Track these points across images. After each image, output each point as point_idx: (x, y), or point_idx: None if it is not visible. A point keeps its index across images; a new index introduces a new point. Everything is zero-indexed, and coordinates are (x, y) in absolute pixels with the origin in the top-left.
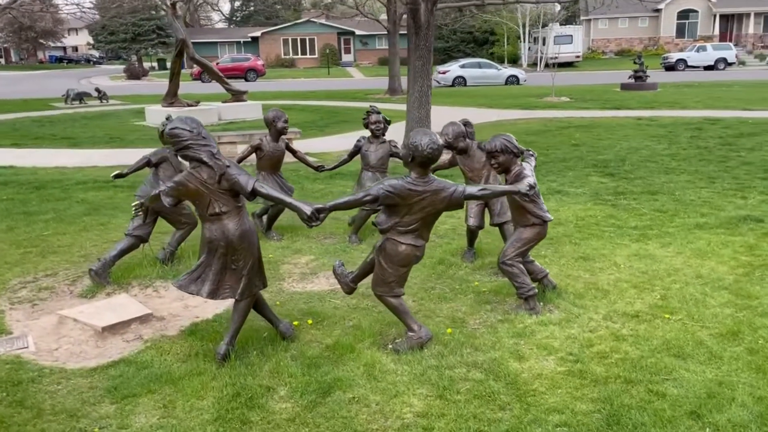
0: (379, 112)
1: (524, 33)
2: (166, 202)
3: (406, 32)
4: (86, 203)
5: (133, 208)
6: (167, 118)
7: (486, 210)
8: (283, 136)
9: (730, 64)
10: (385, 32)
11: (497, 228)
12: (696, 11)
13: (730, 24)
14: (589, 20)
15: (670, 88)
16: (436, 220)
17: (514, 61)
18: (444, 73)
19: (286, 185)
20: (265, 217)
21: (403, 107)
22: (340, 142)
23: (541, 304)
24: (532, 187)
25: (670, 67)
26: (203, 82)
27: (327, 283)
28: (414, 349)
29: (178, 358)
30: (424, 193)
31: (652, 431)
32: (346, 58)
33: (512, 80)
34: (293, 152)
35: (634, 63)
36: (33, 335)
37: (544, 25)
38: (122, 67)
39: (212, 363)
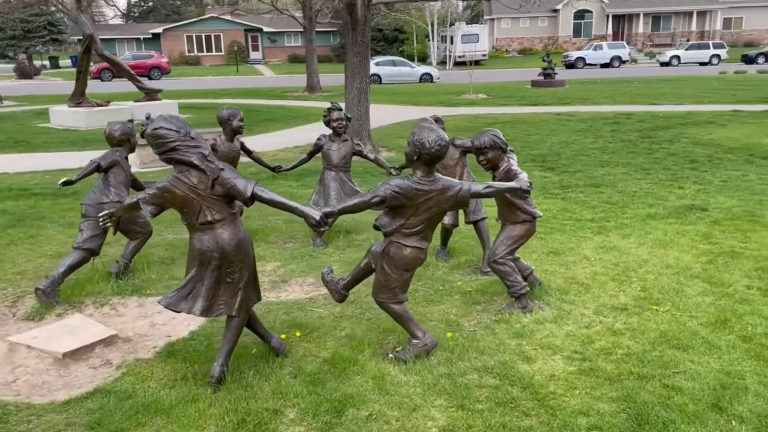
0: (340, 109)
1: (433, 32)
2: (147, 211)
3: (322, 29)
4: (8, 214)
5: (101, 220)
6: (147, 117)
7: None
8: (238, 135)
9: (624, 62)
10: (295, 29)
11: (471, 225)
12: (591, 12)
13: (621, 24)
14: (493, 20)
15: (577, 85)
16: (440, 221)
17: (423, 59)
18: None
19: None
20: None
21: (324, 105)
22: (273, 141)
23: (535, 302)
24: (530, 183)
25: (570, 65)
26: (102, 80)
27: (302, 291)
28: (419, 357)
29: (164, 384)
30: (430, 193)
31: (682, 428)
32: (255, 55)
33: (426, 78)
34: (248, 152)
35: (543, 61)
36: None
37: (451, 24)
38: (11, 66)
39: (205, 387)
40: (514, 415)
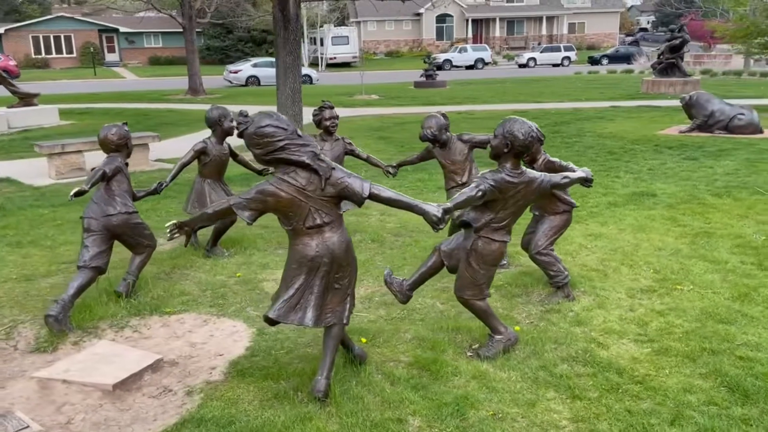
0: (332, 107)
1: (302, 34)
2: (245, 216)
3: (202, 29)
4: None
5: (167, 231)
6: (243, 114)
7: None
8: (229, 137)
9: (487, 64)
10: (155, 30)
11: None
12: (452, 16)
13: (480, 27)
14: (359, 22)
15: (457, 86)
16: (521, 215)
17: None
18: (236, 72)
19: (231, 194)
20: (198, 233)
21: (206, 107)
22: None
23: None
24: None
25: (438, 67)
26: None
27: None
28: (502, 353)
29: (259, 405)
30: (519, 185)
31: None
32: (111, 57)
33: (306, 80)
34: (234, 155)
35: (425, 62)
36: (18, 409)
37: (320, 26)
38: None
39: (308, 403)
40: (628, 400)
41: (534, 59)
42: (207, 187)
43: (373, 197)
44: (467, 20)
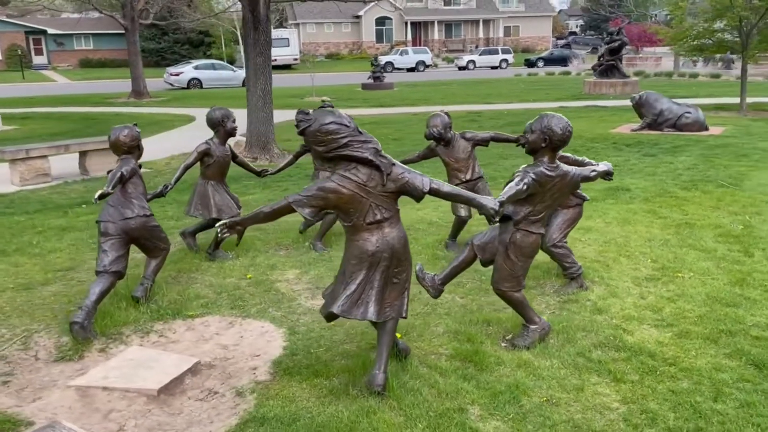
0: (332, 107)
1: (240, 35)
2: (306, 214)
3: (122, 32)
4: None
5: (219, 230)
6: (303, 112)
7: None
8: (231, 138)
9: (428, 66)
10: (85, 31)
11: (482, 216)
12: (390, 18)
13: (418, 30)
14: (298, 24)
15: (404, 88)
16: (555, 206)
17: (232, 63)
18: (177, 74)
19: (233, 196)
20: (197, 236)
21: (155, 110)
22: (151, 150)
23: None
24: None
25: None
26: None
27: None
28: (538, 342)
29: (319, 402)
30: (555, 179)
31: None
32: (39, 60)
33: None
34: (234, 157)
35: (372, 65)
36: (63, 418)
37: None
38: None
39: (368, 397)
40: (667, 381)
41: (473, 62)
42: (210, 188)
43: (433, 192)
44: (406, 23)
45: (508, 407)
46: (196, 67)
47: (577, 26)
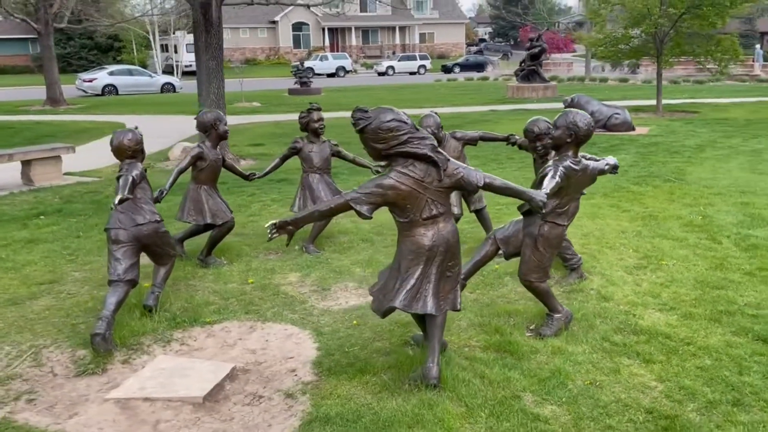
0: (320, 109)
1: (154, 40)
2: (363, 210)
3: (15, 36)
4: None
5: (269, 232)
6: (362, 110)
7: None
8: (223, 141)
9: (348, 72)
10: None
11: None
12: (307, 24)
13: (336, 36)
14: None
15: (332, 93)
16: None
17: (144, 68)
18: (90, 81)
19: (224, 200)
20: (185, 242)
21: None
22: (93, 159)
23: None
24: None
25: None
26: None
27: (357, 296)
28: (562, 330)
29: (377, 399)
30: (579, 172)
31: None
32: None
33: (168, 88)
34: (223, 160)
35: (298, 70)
36: None
37: (173, 33)
38: None
39: (423, 391)
40: (692, 359)
41: (392, 67)
42: (204, 194)
43: (486, 186)
44: (323, 29)
45: (557, 392)
46: (111, 73)
47: (486, 33)
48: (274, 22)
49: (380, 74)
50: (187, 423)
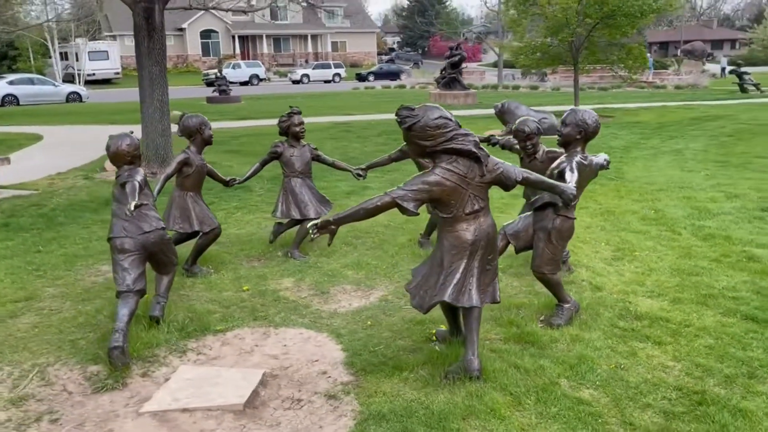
0: (300, 113)
1: (53, 48)
2: (410, 207)
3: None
4: None
5: (311, 232)
6: (408, 108)
7: None
8: (208, 146)
9: (262, 80)
10: None
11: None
12: (216, 31)
13: (246, 44)
14: (115, 36)
15: (252, 101)
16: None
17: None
18: None
19: (207, 206)
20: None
21: None
22: (22, 170)
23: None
24: None
25: (210, 83)
26: None
27: (360, 297)
28: (572, 319)
29: (423, 394)
30: (587, 167)
31: None
32: None
33: (74, 97)
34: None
35: (217, 78)
36: None
37: (74, 40)
38: None
39: (466, 384)
40: (697, 339)
41: (307, 75)
42: (190, 200)
43: (523, 180)
44: (233, 36)
45: (589, 376)
46: (11, 82)
47: (394, 43)
48: (181, 29)
49: (295, 82)
50: (233, 431)
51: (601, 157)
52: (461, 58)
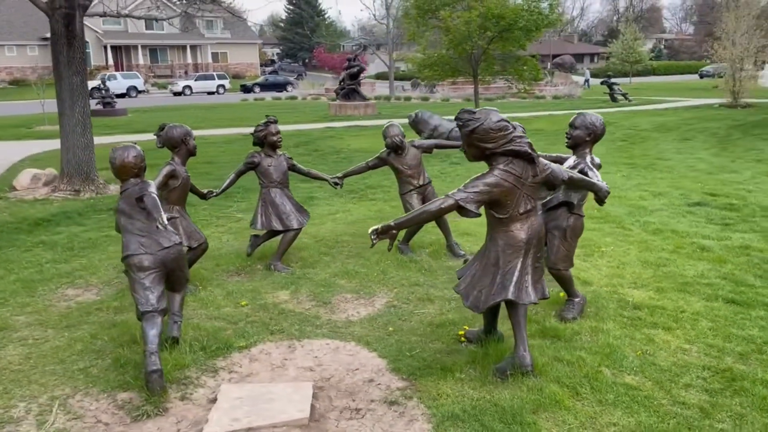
0: (277, 121)
1: None
2: (473, 209)
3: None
4: None
5: (371, 236)
6: (470, 111)
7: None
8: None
9: (141, 92)
10: None
11: None
12: (87, 42)
13: (120, 55)
14: None
15: (139, 114)
16: None
17: None
18: None
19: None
20: None
21: None
22: None
23: None
24: None
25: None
26: None
27: (365, 305)
28: (582, 312)
29: (484, 393)
30: (594, 168)
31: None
32: None
33: None
34: None
35: (99, 89)
36: None
37: None
38: None
39: (522, 378)
40: (698, 323)
41: (189, 87)
42: (176, 215)
43: (569, 180)
44: (105, 47)
45: (624, 363)
46: None
47: (274, 54)
48: (46, 39)
49: (176, 94)
50: None
51: (596, 161)
52: (360, 69)
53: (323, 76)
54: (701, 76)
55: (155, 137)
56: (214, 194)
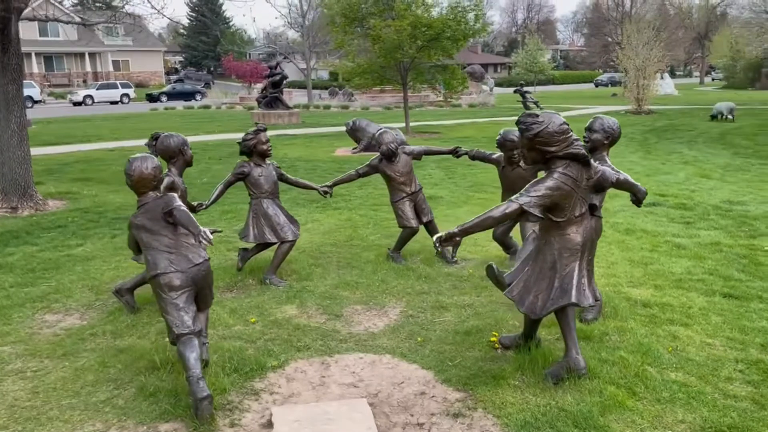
0: (266, 129)
1: None
2: (537, 212)
3: None
4: None
5: (436, 243)
6: (533, 115)
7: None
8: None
9: (37, 102)
10: None
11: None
12: None
13: None
14: None
15: (44, 125)
16: None
17: None
18: None
19: None
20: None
21: None
22: None
23: None
24: None
25: None
26: None
27: (379, 315)
28: (601, 312)
29: (547, 397)
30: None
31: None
32: None
33: None
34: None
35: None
36: None
37: None
38: None
39: (579, 381)
40: (710, 318)
41: (91, 97)
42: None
43: (616, 182)
44: None
45: (662, 361)
46: None
47: (176, 62)
48: None
49: (76, 104)
50: None
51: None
52: (282, 78)
53: (231, 84)
54: (596, 85)
55: (147, 147)
56: (204, 206)
